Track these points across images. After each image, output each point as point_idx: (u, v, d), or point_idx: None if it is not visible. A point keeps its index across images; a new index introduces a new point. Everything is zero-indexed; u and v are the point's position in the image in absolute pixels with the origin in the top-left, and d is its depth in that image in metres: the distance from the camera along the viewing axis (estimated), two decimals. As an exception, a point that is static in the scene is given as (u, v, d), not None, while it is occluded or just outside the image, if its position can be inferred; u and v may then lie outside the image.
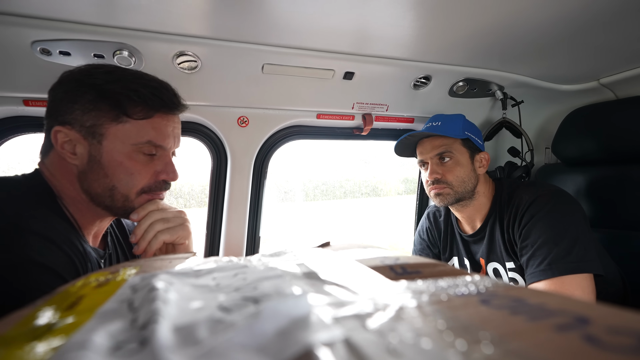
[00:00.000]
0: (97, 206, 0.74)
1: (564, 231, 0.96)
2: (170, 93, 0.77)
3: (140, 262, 0.50)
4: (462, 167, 1.14)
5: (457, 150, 1.15)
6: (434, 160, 1.17)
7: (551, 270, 0.94)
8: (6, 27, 0.77)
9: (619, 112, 1.27)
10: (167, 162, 0.78)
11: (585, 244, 0.95)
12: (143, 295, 0.31)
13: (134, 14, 0.79)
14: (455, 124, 1.16)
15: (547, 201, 1.02)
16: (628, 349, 0.18)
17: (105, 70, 0.73)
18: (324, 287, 0.32)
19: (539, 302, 0.26)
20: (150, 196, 0.77)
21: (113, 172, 0.72)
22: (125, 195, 0.74)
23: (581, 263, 0.93)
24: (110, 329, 0.25)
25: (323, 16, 0.81)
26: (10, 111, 1.01)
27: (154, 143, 0.74)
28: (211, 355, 0.21)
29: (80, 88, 0.71)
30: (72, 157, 0.72)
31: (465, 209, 1.19)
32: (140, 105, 0.72)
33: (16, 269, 0.55)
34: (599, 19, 0.86)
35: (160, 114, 0.75)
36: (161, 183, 0.78)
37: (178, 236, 0.79)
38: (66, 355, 0.21)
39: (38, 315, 0.30)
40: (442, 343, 0.20)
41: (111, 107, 0.70)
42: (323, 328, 0.23)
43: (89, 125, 0.70)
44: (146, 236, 0.76)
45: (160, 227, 0.77)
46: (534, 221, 1.01)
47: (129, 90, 0.71)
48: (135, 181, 0.74)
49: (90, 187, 0.72)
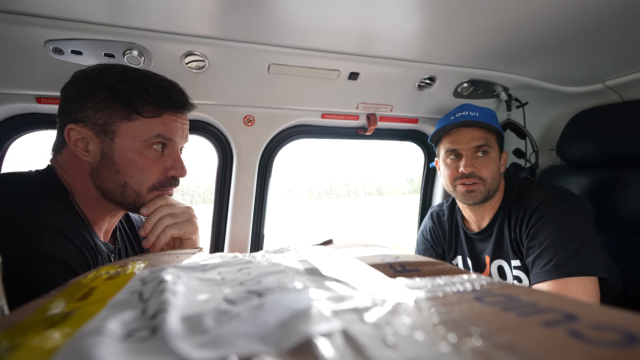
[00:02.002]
0: (108, 201, 0.77)
1: (572, 233, 0.96)
2: (179, 92, 0.79)
3: (148, 257, 0.52)
4: (495, 164, 1.11)
5: (493, 146, 1.11)
6: (470, 152, 1.10)
7: (557, 272, 0.94)
8: (20, 26, 0.80)
9: (624, 114, 1.26)
10: (176, 159, 0.80)
11: (592, 248, 0.95)
12: (152, 287, 0.33)
13: (144, 15, 0.80)
14: (492, 117, 1.12)
15: (556, 202, 1.01)
16: (609, 343, 0.19)
17: (117, 70, 0.75)
18: (325, 282, 0.34)
19: (531, 299, 0.27)
20: (160, 192, 0.79)
21: (125, 169, 0.74)
22: (136, 192, 0.76)
23: (587, 266, 0.92)
24: (122, 318, 0.26)
25: (329, 17, 0.82)
26: (24, 108, 1.03)
27: (164, 136, 0.76)
28: (217, 343, 0.22)
29: (92, 87, 0.73)
30: (84, 154, 0.74)
31: (480, 208, 1.17)
32: (150, 104, 0.74)
33: (30, 261, 0.57)
34: (605, 21, 0.86)
35: (170, 112, 0.77)
36: (170, 179, 0.80)
37: (186, 231, 0.81)
38: (82, 340, 0.22)
39: (53, 305, 0.31)
40: (434, 336, 0.21)
41: (123, 106, 0.73)
42: (322, 320, 0.24)
43: (101, 123, 0.73)
44: (155, 230, 0.78)
45: (168, 222, 0.79)
46: (542, 222, 1.01)
47: (140, 89, 0.73)
48: (147, 177, 0.76)
49: (102, 183, 0.74)
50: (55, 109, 1.04)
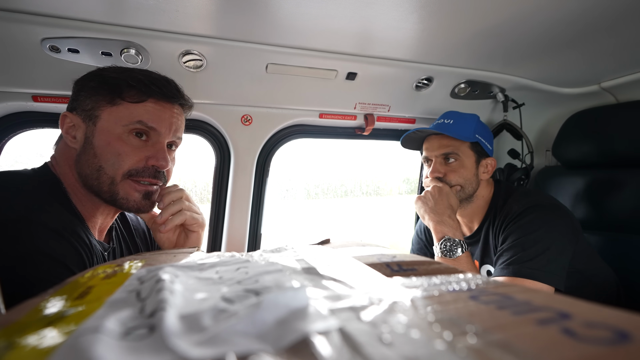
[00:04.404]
0: (89, 191, 0.75)
1: (535, 239, 0.98)
2: (169, 84, 0.79)
3: (146, 256, 0.52)
4: (465, 170, 1.14)
5: (464, 152, 1.14)
6: (438, 159, 1.16)
7: (507, 270, 0.96)
8: (17, 24, 0.79)
9: (620, 116, 1.27)
10: (158, 149, 0.77)
11: (552, 257, 0.95)
12: (150, 286, 0.33)
13: (142, 13, 0.80)
14: (467, 124, 1.14)
15: (531, 212, 1.03)
16: (601, 340, 0.19)
17: (119, 67, 0.79)
18: (322, 281, 0.34)
19: (526, 298, 0.27)
20: (137, 182, 0.76)
21: (101, 152, 0.73)
22: (111, 177, 0.73)
23: (538, 271, 0.93)
24: (120, 316, 0.27)
25: (327, 17, 0.82)
26: (20, 106, 1.02)
27: (145, 123, 0.75)
28: (215, 341, 0.22)
29: (87, 77, 0.76)
30: (73, 140, 0.75)
31: (465, 211, 1.20)
32: (134, 89, 0.74)
33: (25, 259, 0.56)
34: (601, 23, 0.87)
35: (154, 99, 0.77)
36: (150, 169, 0.77)
37: (196, 222, 0.82)
38: (80, 338, 0.22)
39: (50, 304, 0.31)
40: (430, 333, 0.22)
41: (108, 92, 0.74)
42: (319, 318, 0.24)
43: (88, 109, 0.74)
44: (171, 208, 0.79)
45: (186, 206, 0.81)
46: (513, 228, 1.04)
47: (128, 77, 0.74)
48: (122, 162, 0.73)
49: (82, 168, 0.74)
50: (51, 107, 1.04)
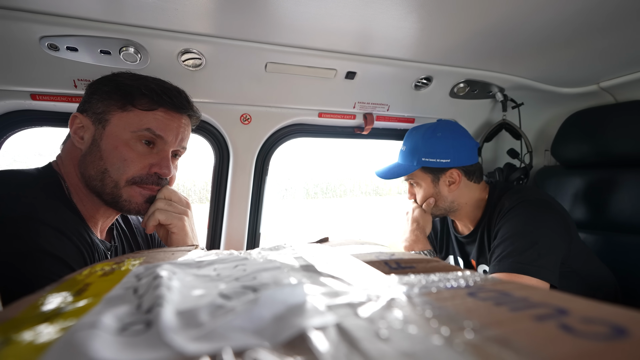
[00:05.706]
0: (91, 192, 0.76)
1: (524, 234, 0.98)
2: (180, 96, 0.81)
3: (144, 254, 0.52)
4: (425, 191, 1.20)
5: (418, 176, 1.20)
6: (407, 183, 1.27)
7: (499, 266, 0.97)
8: (15, 22, 0.79)
9: (619, 115, 1.27)
10: (163, 157, 0.78)
11: (542, 251, 0.94)
12: (147, 283, 0.33)
13: (141, 12, 0.80)
14: (414, 148, 1.18)
15: (522, 207, 1.04)
16: (599, 336, 0.19)
17: (134, 74, 0.80)
18: (320, 278, 0.34)
19: (523, 295, 0.27)
20: (141, 188, 0.78)
21: (108, 156, 0.73)
22: (115, 181, 0.74)
23: (528, 265, 0.92)
24: (117, 313, 0.26)
25: (326, 16, 0.82)
26: (18, 105, 1.02)
27: (153, 131, 0.76)
28: (211, 336, 0.22)
29: (102, 81, 0.77)
30: (80, 141, 0.76)
31: (456, 216, 1.24)
32: (146, 97, 0.75)
33: (26, 257, 0.57)
34: (600, 22, 0.87)
35: (165, 109, 0.78)
36: (153, 176, 0.78)
37: (171, 223, 0.81)
38: (77, 333, 0.22)
39: (47, 300, 0.31)
40: (427, 329, 0.22)
41: (121, 97, 0.75)
42: (317, 314, 0.24)
43: (99, 112, 0.75)
44: (148, 210, 0.79)
45: (160, 206, 0.80)
46: (503, 222, 1.05)
47: (142, 85, 0.76)
48: (127, 168, 0.74)
49: (85, 169, 0.74)
50: (50, 105, 1.04)
